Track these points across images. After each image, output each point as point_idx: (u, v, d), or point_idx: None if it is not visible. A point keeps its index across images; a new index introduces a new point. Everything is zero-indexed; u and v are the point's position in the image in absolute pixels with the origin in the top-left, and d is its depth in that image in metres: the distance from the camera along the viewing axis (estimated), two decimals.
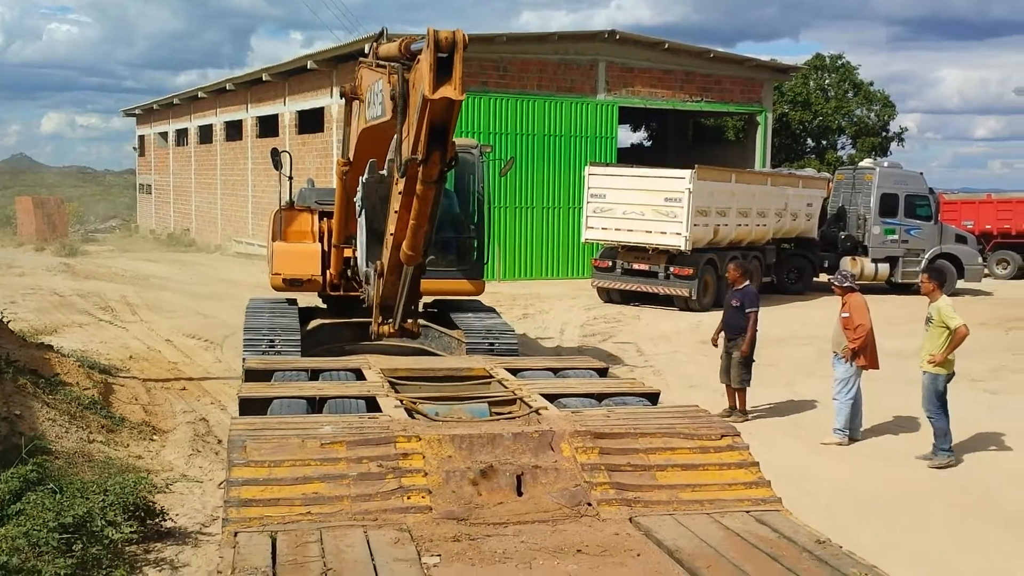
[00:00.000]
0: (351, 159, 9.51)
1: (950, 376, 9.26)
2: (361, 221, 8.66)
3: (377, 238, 8.27)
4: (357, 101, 8.90)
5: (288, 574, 3.88)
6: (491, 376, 6.99)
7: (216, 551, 5.53)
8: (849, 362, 9.95)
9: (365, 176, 8.30)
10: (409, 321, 8.68)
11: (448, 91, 5.59)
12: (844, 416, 9.96)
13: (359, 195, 8.48)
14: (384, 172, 7.66)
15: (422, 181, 6.40)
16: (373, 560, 4.04)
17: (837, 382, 10.04)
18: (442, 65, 5.59)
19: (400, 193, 6.87)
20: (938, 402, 9.21)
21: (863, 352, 9.92)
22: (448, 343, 11.42)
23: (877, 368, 10.17)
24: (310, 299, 12.62)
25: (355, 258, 11.08)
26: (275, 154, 12.27)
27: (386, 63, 7.12)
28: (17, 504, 6.05)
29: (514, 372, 7.11)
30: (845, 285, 10.25)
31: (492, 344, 11.01)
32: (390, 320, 8.53)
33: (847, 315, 9.96)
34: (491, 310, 12.45)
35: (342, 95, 9.14)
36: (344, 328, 11.81)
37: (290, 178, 12.49)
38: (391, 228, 7.40)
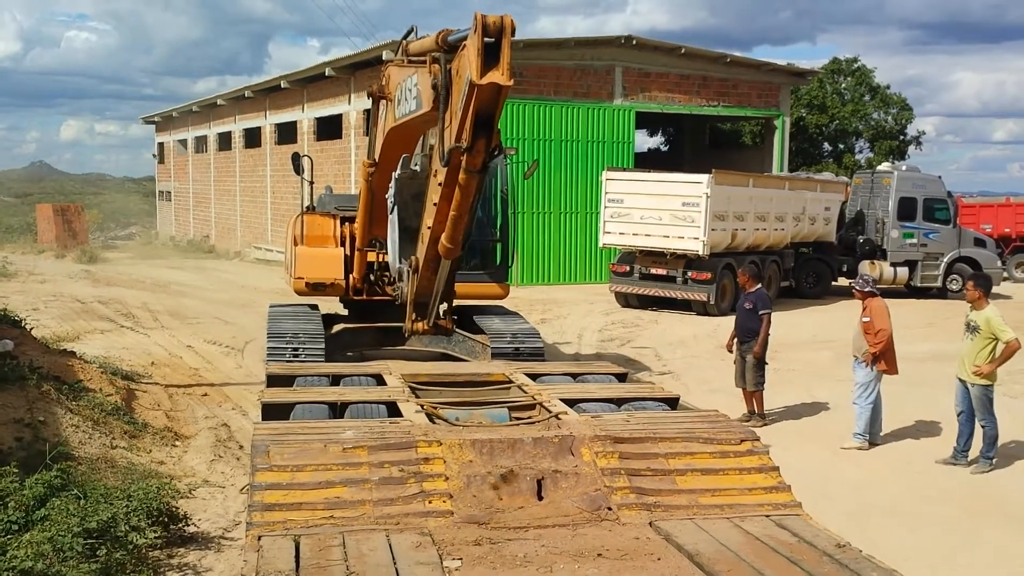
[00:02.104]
0: (377, 160, 9.47)
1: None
2: (393, 218, 8.54)
3: (409, 235, 8.20)
4: (384, 101, 8.84)
5: None
6: (511, 381, 7.02)
7: (239, 555, 5.59)
8: (870, 366, 9.92)
9: (397, 171, 8.18)
10: (443, 318, 8.62)
11: (496, 76, 5.59)
12: (864, 420, 9.93)
13: (391, 192, 8.40)
14: (417, 168, 7.66)
15: (466, 170, 6.34)
16: (395, 563, 4.07)
17: (858, 386, 10.00)
18: (489, 50, 5.58)
19: (440, 184, 6.78)
20: (991, 409, 9.16)
21: (883, 356, 9.89)
22: (472, 347, 11.36)
23: (896, 373, 10.13)
24: (330, 305, 12.67)
25: (377, 262, 11.14)
26: (296, 158, 12.25)
27: (420, 57, 7.05)
28: (42, 510, 6.11)
29: (534, 377, 7.14)
30: (866, 290, 10.20)
31: (518, 348, 10.93)
32: (424, 317, 8.44)
33: (868, 319, 9.93)
34: (515, 314, 12.37)
35: (369, 96, 9.11)
36: (367, 333, 11.73)
37: (311, 182, 12.46)
38: (428, 222, 7.31)
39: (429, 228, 7.28)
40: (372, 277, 11.38)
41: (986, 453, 9.21)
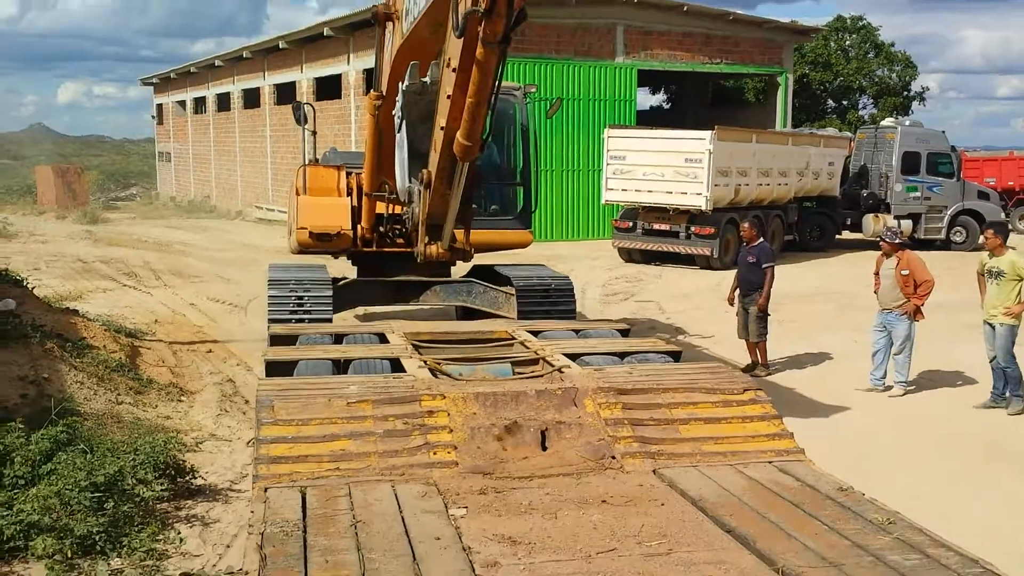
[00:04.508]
0: (384, 92, 8.70)
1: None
2: (400, 137, 7.72)
3: (418, 158, 7.43)
4: (391, 23, 8.17)
5: (319, 526, 3.94)
6: (514, 338, 7.02)
7: (246, 507, 5.64)
8: (911, 318, 9.96)
9: (405, 82, 7.34)
10: (460, 240, 7.80)
11: None
12: (907, 369, 10.08)
13: (398, 106, 7.62)
14: (427, 79, 7.11)
15: (484, 42, 5.48)
16: (401, 512, 4.10)
17: (899, 339, 10.02)
18: None
19: (454, 71, 5.99)
20: (1012, 351, 9.37)
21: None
22: (495, 298, 10.47)
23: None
24: (338, 268, 12.03)
25: (387, 214, 10.12)
26: (297, 108, 11.66)
27: None
28: (48, 464, 6.17)
29: (536, 334, 7.14)
30: (896, 242, 10.20)
31: (547, 307, 10.00)
32: (438, 239, 7.68)
33: (907, 272, 9.94)
34: (539, 266, 11.47)
35: (373, 18, 8.40)
36: (378, 286, 10.76)
37: (313, 132, 11.64)
38: (441, 121, 6.54)
39: (442, 128, 6.50)
40: (382, 229, 10.37)
41: (1016, 391, 9.39)
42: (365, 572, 3.50)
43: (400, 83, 7.44)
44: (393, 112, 7.90)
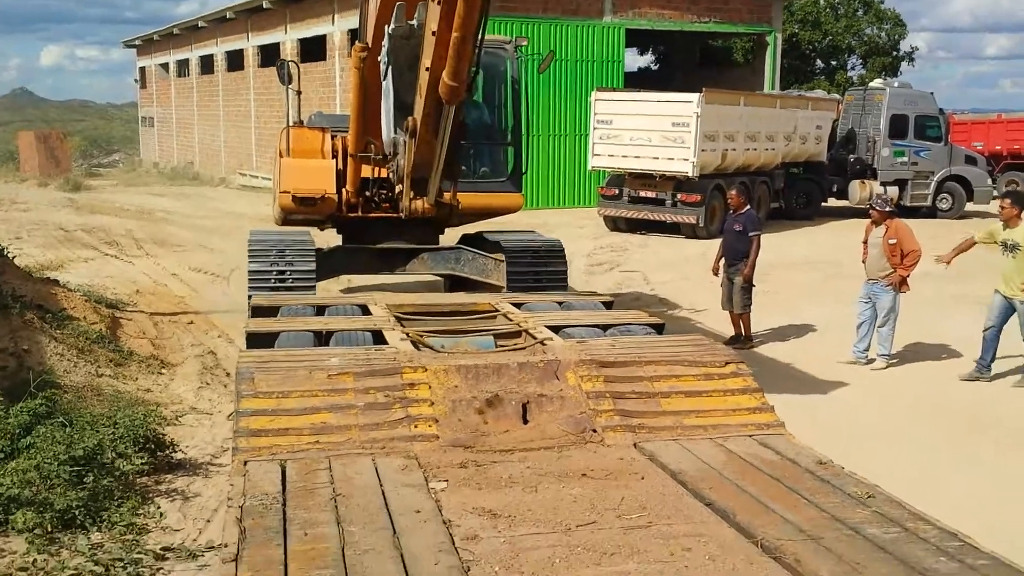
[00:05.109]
0: (369, 43, 8.40)
1: None
2: (387, 85, 7.42)
3: (404, 109, 7.17)
4: None
5: (298, 499, 3.92)
6: (496, 310, 6.99)
7: (227, 480, 5.61)
8: (895, 289, 9.88)
9: (391, 26, 7.07)
10: (447, 194, 7.51)
11: None
12: (891, 341, 10.02)
13: (384, 51, 7.35)
14: (414, 23, 6.95)
15: None
16: (381, 485, 4.09)
17: (883, 311, 9.95)
18: None
19: (439, 3, 5.84)
20: None
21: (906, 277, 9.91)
22: (484, 265, 10.12)
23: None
24: (323, 239, 11.59)
25: (374, 177, 9.74)
26: (281, 66, 11.19)
27: None
28: (27, 438, 6.14)
29: (519, 306, 7.11)
30: (887, 210, 10.08)
31: (538, 262, 9.76)
32: (424, 194, 7.43)
33: (894, 241, 9.82)
34: (530, 231, 11.12)
35: None
36: (363, 255, 10.35)
37: (298, 92, 11.28)
38: (427, 62, 6.35)
39: (428, 69, 6.30)
40: (368, 193, 9.96)
41: None
42: (345, 545, 3.49)
43: (386, 26, 7.19)
44: (379, 58, 7.62)
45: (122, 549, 5.21)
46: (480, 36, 5.84)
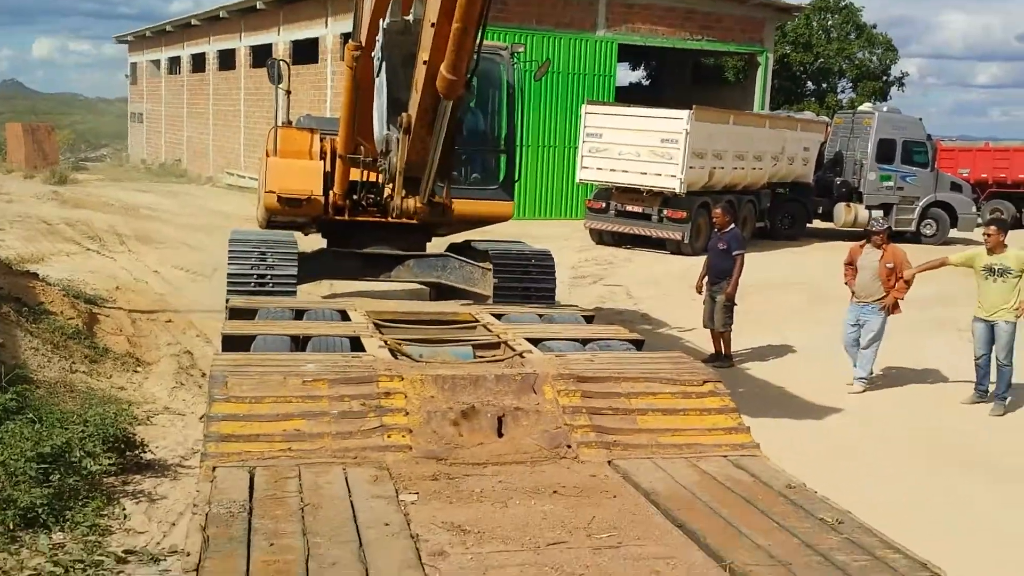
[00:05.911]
0: (363, 40, 8.15)
1: None
2: (380, 81, 7.23)
3: (398, 105, 6.92)
4: None
5: (265, 507, 3.87)
6: (476, 320, 6.95)
7: (195, 484, 5.54)
8: (886, 312, 9.92)
9: (386, 20, 6.92)
10: (441, 195, 7.31)
11: None
12: (872, 364, 10.05)
13: (378, 47, 7.16)
14: (410, 18, 6.64)
15: None
16: (351, 496, 4.04)
17: (870, 333, 9.96)
18: None
19: None
20: (1013, 349, 9.30)
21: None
22: (471, 274, 9.94)
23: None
24: (308, 244, 11.08)
25: (362, 181, 9.53)
26: (272, 65, 10.90)
27: None
28: None
29: (499, 317, 7.08)
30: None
31: (528, 285, 9.52)
32: (417, 193, 7.18)
33: (891, 265, 9.90)
34: (518, 241, 10.87)
35: None
36: (347, 259, 10.09)
37: (288, 91, 10.98)
38: (424, 55, 6.10)
39: (425, 63, 6.09)
40: (356, 196, 9.64)
41: (1002, 393, 9.36)
42: (309, 558, 3.43)
43: (381, 20, 7.03)
44: (372, 54, 7.43)
45: (83, 550, 5.12)
46: (481, 28, 5.68)
